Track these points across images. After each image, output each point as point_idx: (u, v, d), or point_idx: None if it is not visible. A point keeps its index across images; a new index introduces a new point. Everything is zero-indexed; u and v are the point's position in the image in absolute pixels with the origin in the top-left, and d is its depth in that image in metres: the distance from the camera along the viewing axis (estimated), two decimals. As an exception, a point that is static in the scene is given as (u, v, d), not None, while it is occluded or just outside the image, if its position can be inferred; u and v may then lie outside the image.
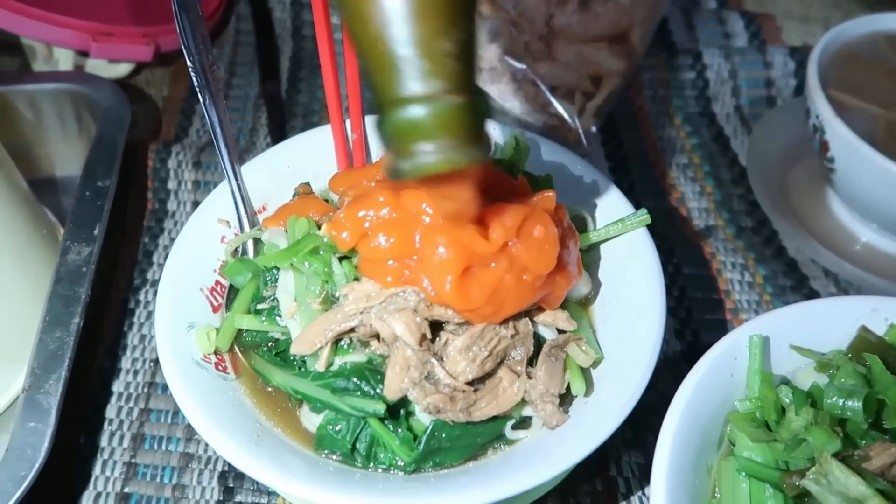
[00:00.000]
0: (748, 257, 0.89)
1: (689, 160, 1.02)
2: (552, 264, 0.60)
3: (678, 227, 0.94)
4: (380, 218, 0.60)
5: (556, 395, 0.59)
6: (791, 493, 0.52)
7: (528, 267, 0.59)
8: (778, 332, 0.62)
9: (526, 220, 0.59)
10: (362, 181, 0.66)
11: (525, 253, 0.59)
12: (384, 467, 0.58)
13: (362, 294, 0.58)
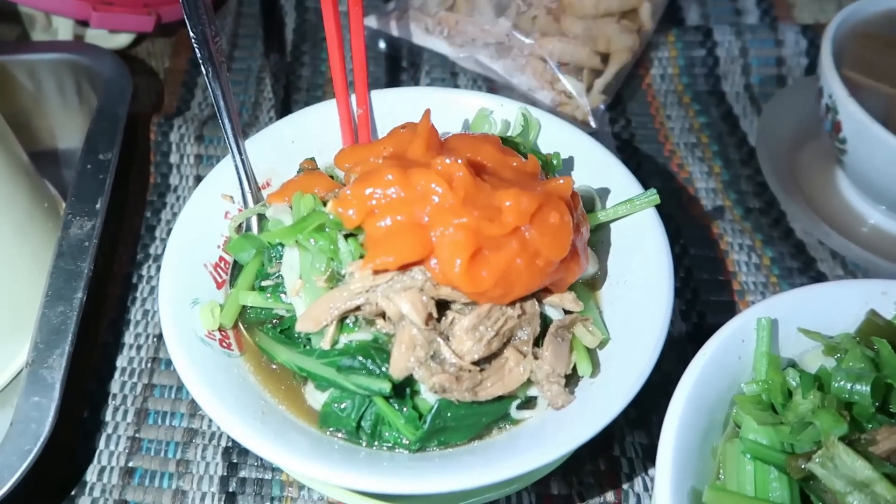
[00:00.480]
0: (755, 239, 0.89)
1: (697, 139, 1.01)
2: (566, 251, 0.60)
3: (685, 207, 0.93)
4: (387, 196, 0.59)
5: (562, 376, 0.59)
6: (796, 476, 0.52)
7: (541, 252, 0.58)
8: (786, 314, 0.62)
9: (542, 206, 0.59)
10: (369, 157, 0.65)
11: (539, 239, 0.58)
12: (389, 446, 0.58)
13: (368, 272, 0.58)
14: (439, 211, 0.58)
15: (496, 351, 0.58)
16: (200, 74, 0.96)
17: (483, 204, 0.59)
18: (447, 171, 0.59)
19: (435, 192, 0.58)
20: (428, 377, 0.56)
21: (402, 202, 0.59)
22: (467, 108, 0.78)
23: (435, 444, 0.58)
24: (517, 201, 0.58)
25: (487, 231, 0.57)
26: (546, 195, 0.60)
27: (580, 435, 0.54)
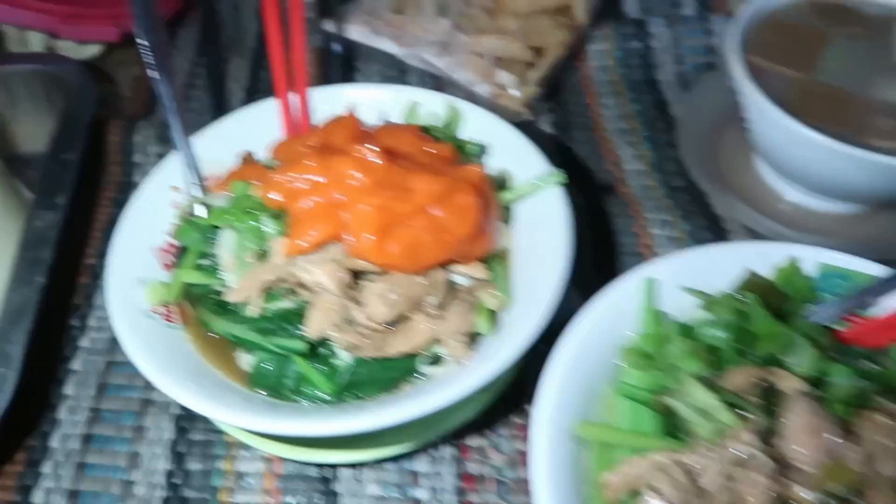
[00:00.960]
0: (675, 215, 0.95)
1: (628, 125, 1.08)
2: (472, 229, 0.67)
3: (613, 187, 1.00)
4: (308, 181, 0.66)
5: (465, 335, 0.65)
6: (661, 411, 0.58)
7: (448, 229, 0.66)
8: (673, 275, 0.68)
9: (451, 189, 0.66)
10: (299, 148, 0.72)
11: (447, 218, 0.66)
12: (310, 400, 0.65)
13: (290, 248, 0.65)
14: (354, 192, 0.65)
15: (405, 314, 0.65)
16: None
17: (396, 185, 0.66)
18: (363, 157, 0.66)
19: (351, 176, 0.66)
20: (340, 337, 0.63)
21: (322, 186, 0.66)
22: (400, 102, 0.85)
23: (350, 397, 0.65)
24: (426, 184, 0.65)
25: (397, 209, 0.65)
26: (456, 179, 0.68)
27: (477, 379, 0.61)
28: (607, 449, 0.60)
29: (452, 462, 0.74)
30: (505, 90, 1.03)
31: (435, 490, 0.73)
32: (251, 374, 0.66)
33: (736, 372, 0.59)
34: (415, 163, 0.70)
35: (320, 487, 0.73)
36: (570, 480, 0.57)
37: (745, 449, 0.53)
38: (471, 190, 0.67)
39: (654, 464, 0.55)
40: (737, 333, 0.61)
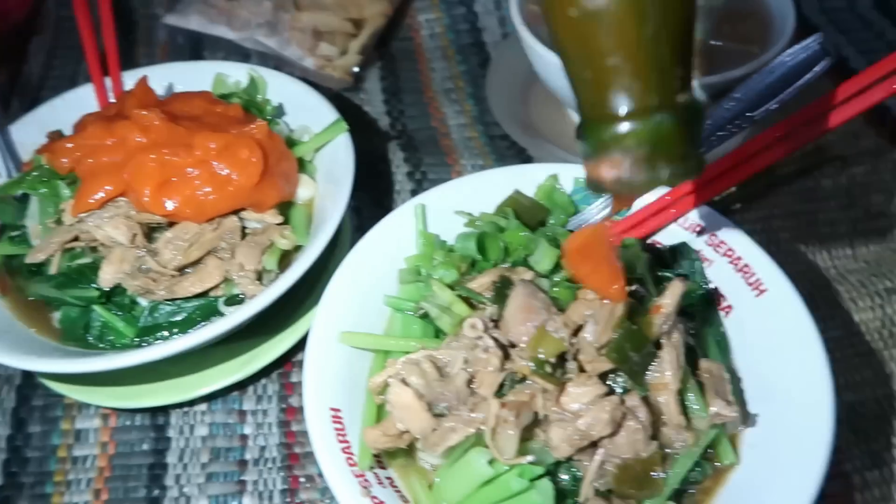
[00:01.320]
0: (491, 159, 1.03)
1: (454, 85, 1.16)
2: (255, 178, 0.74)
3: (437, 140, 1.07)
4: (92, 145, 0.72)
5: (253, 272, 0.72)
6: (419, 315, 0.66)
7: (232, 181, 0.72)
8: (446, 201, 0.76)
9: (233, 144, 0.73)
10: (91, 118, 0.78)
11: (229, 169, 0.72)
12: (115, 346, 0.71)
13: (80, 208, 0.71)
14: (134, 152, 0.71)
15: (197, 259, 0.72)
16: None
17: (178, 143, 0.72)
18: (143, 120, 0.72)
19: (131, 138, 0.72)
20: (131, 283, 0.69)
21: (107, 148, 0.72)
22: (209, 74, 0.91)
23: (154, 340, 0.71)
24: (207, 140, 0.72)
25: (175, 165, 0.71)
26: (238, 136, 0.74)
27: (255, 306, 0.67)
28: (381, 356, 0.67)
29: (277, 399, 0.81)
30: (330, 61, 1.10)
31: (260, 425, 0.79)
32: (61, 329, 0.72)
33: (483, 274, 0.67)
34: (201, 123, 0.77)
35: (152, 434, 0.79)
36: (340, 383, 0.64)
37: (476, 333, 0.60)
38: (253, 144, 0.74)
39: (409, 360, 0.62)
40: (488, 244, 0.69)
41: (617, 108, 0.41)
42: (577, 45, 0.41)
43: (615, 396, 0.57)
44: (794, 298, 0.66)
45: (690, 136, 0.42)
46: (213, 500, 0.73)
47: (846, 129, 1.04)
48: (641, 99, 0.40)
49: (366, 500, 0.56)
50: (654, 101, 0.40)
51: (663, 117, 0.41)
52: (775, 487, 0.57)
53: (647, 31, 0.39)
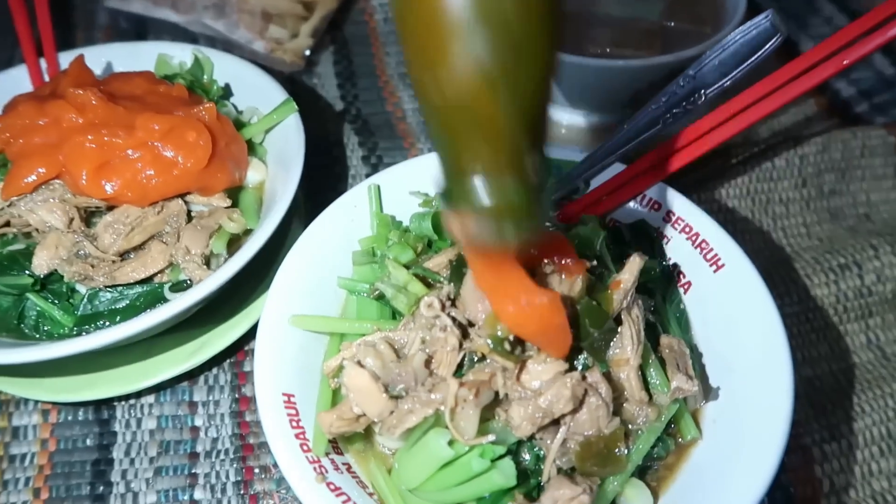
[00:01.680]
0: (447, 143, 1.01)
1: (409, 69, 1.13)
2: (203, 162, 0.70)
3: (393, 125, 1.05)
4: (25, 126, 0.68)
5: (200, 256, 0.69)
6: (375, 296, 0.64)
7: (177, 164, 0.69)
8: (401, 181, 0.74)
9: (179, 127, 0.69)
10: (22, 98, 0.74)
11: (174, 152, 0.69)
12: (53, 337, 0.67)
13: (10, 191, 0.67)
14: (69, 132, 0.67)
15: (140, 243, 0.68)
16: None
17: (118, 124, 0.69)
18: (79, 99, 0.68)
19: (66, 118, 0.68)
20: (68, 269, 0.65)
21: (39, 129, 0.68)
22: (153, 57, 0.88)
23: (94, 328, 0.67)
24: (147, 121, 0.68)
25: (115, 146, 0.67)
26: (185, 118, 0.71)
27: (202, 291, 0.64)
28: (336, 339, 0.65)
29: (229, 388, 0.78)
30: (280, 44, 1.07)
31: (212, 416, 0.76)
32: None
33: (440, 254, 0.65)
34: (144, 104, 0.73)
35: (97, 429, 0.75)
36: (293, 368, 0.62)
37: (434, 312, 0.58)
38: (200, 127, 0.71)
39: (364, 342, 0.60)
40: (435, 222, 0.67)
41: (469, 169, 0.43)
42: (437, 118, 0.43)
43: (576, 373, 0.56)
44: (751, 272, 0.66)
45: (535, 197, 0.45)
46: (163, 494, 0.70)
47: (798, 111, 1.06)
48: (490, 164, 0.43)
49: (321, 486, 0.54)
50: (502, 166, 0.43)
51: (510, 181, 0.43)
52: (737, 461, 0.57)
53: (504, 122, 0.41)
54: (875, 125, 0.98)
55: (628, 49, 0.89)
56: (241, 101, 0.85)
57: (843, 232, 0.91)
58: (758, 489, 0.53)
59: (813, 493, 0.70)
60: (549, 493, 0.54)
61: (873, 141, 0.97)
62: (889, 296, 0.83)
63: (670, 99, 0.71)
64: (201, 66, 0.85)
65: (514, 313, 0.52)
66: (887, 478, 0.71)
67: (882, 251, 0.85)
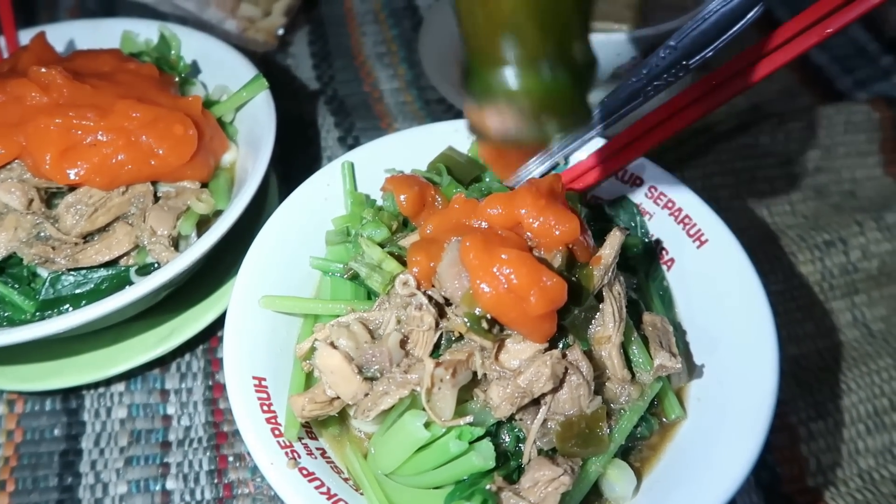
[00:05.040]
0: (425, 123, 0.99)
1: (387, 49, 1.11)
2: (186, 157, 0.68)
3: (370, 105, 1.03)
4: (-19, 103, 0.65)
5: (166, 237, 0.66)
6: (349, 276, 0.62)
7: (156, 154, 0.66)
8: (376, 159, 0.71)
9: (165, 118, 0.67)
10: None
11: (156, 143, 0.66)
12: (14, 322, 0.65)
13: (-33, 172, 0.64)
14: (32, 112, 0.64)
15: (104, 225, 0.66)
16: None
17: (85, 105, 0.66)
18: (43, 77, 0.66)
19: (29, 96, 0.65)
20: (27, 251, 0.62)
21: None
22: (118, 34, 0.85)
23: (57, 313, 0.65)
24: (127, 108, 0.66)
25: (84, 129, 0.64)
26: (172, 109, 0.68)
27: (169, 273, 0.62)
28: (310, 321, 0.63)
29: (202, 375, 0.76)
30: (253, 23, 1.04)
31: (184, 404, 0.74)
32: (-50, 306, 0.65)
33: (415, 231, 0.63)
34: (113, 82, 0.70)
35: (65, 419, 0.72)
36: (264, 350, 0.60)
37: (409, 290, 0.56)
38: (188, 122, 0.69)
39: (338, 323, 0.58)
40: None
41: (507, 54, 0.37)
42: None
43: (556, 351, 0.54)
44: (735, 248, 0.64)
45: (581, 90, 0.40)
46: (134, 485, 0.68)
47: (782, 88, 1.05)
48: (534, 47, 0.37)
49: (293, 472, 0.52)
50: (547, 51, 0.37)
51: (555, 70, 0.38)
52: (722, 441, 0.55)
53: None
54: (858, 101, 0.97)
55: (608, 22, 0.87)
56: (209, 80, 0.83)
57: (828, 209, 0.90)
58: (742, 469, 0.52)
59: (799, 471, 0.69)
60: (530, 474, 0.52)
61: (857, 117, 0.95)
62: (875, 272, 0.82)
63: (651, 71, 0.70)
64: (168, 43, 0.82)
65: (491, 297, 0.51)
66: (874, 455, 0.70)
67: (867, 227, 0.84)
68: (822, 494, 0.68)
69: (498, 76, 0.38)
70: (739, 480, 0.51)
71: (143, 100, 0.68)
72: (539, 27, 0.37)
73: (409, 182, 0.64)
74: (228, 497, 0.67)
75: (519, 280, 0.51)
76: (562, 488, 0.51)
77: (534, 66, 0.38)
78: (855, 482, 0.69)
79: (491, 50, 0.38)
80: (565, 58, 0.38)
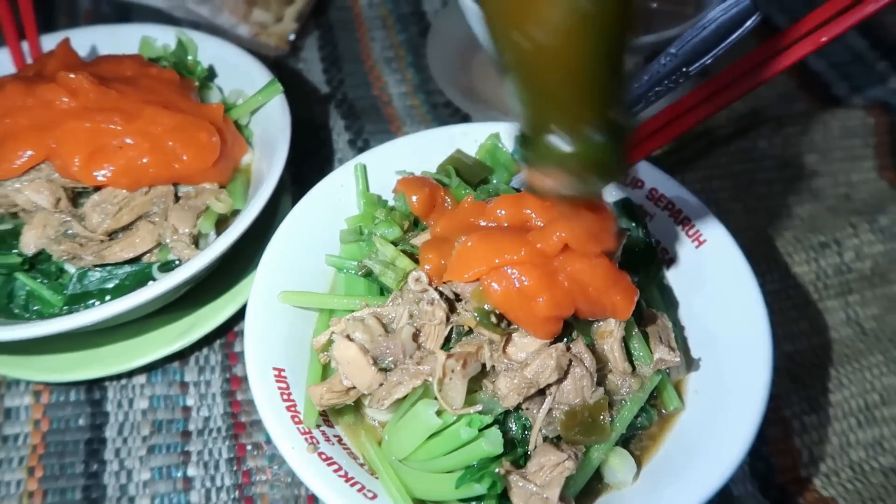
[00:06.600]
0: (432, 126, 1.02)
1: (395, 53, 1.14)
2: (209, 163, 0.72)
3: (379, 108, 1.06)
4: (12, 107, 0.68)
5: (188, 235, 0.70)
6: (363, 273, 0.65)
7: (180, 159, 0.70)
8: (387, 161, 0.74)
9: (191, 125, 0.71)
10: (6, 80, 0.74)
11: (182, 149, 0.70)
12: (43, 316, 0.68)
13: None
14: (61, 116, 0.68)
15: (128, 223, 0.69)
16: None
17: (112, 109, 0.69)
18: (71, 83, 0.69)
19: (58, 100, 0.68)
20: (56, 248, 0.65)
21: (28, 111, 0.68)
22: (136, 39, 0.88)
23: (83, 307, 0.68)
24: (154, 116, 0.69)
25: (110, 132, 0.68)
26: (197, 117, 0.72)
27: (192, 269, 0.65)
28: (325, 315, 0.66)
29: (220, 369, 0.79)
30: (265, 28, 1.07)
31: (203, 396, 0.77)
32: (-19, 300, 0.68)
33: (426, 231, 0.66)
34: (136, 87, 0.73)
35: (89, 409, 0.75)
36: (283, 343, 0.63)
37: (421, 286, 0.59)
38: (212, 130, 0.72)
39: (353, 318, 0.61)
40: (428, 200, 0.68)
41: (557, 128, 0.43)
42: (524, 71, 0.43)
43: (561, 344, 0.57)
44: (732, 247, 0.67)
45: (620, 150, 0.45)
46: (157, 471, 0.71)
47: (779, 93, 1.08)
48: (584, 121, 0.43)
49: (313, 456, 0.55)
50: (589, 124, 0.43)
51: (596, 138, 0.43)
52: (718, 430, 0.58)
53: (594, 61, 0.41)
54: (854, 106, 1.00)
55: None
56: (225, 84, 0.86)
57: (824, 211, 0.92)
58: (736, 456, 0.55)
59: (792, 462, 0.72)
60: (536, 459, 0.55)
61: (852, 122, 0.98)
62: (868, 273, 0.85)
63: (653, 77, 0.72)
64: (185, 48, 0.85)
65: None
66: (864, 448, 0.73)
67: (861, 229, 0.87)
68: (814, 484, 0.71)
69: (549, 144, 0.44)
70: (733, 466, 0.54)
71: (168, 106, 0.72)
72: (580, 101, 0.43)
73: (419, 183, 0.68)
74: (247, 483, 0.70)
75: (530, 282, 0.54)
76: (566, 472, 0.54)
77: (579, 134, 0.43)
78: (846, 473, 0.71)
79: (542, 122, 0.44)
80: (605, 124, 0.44)
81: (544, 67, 0.42)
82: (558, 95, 0.43)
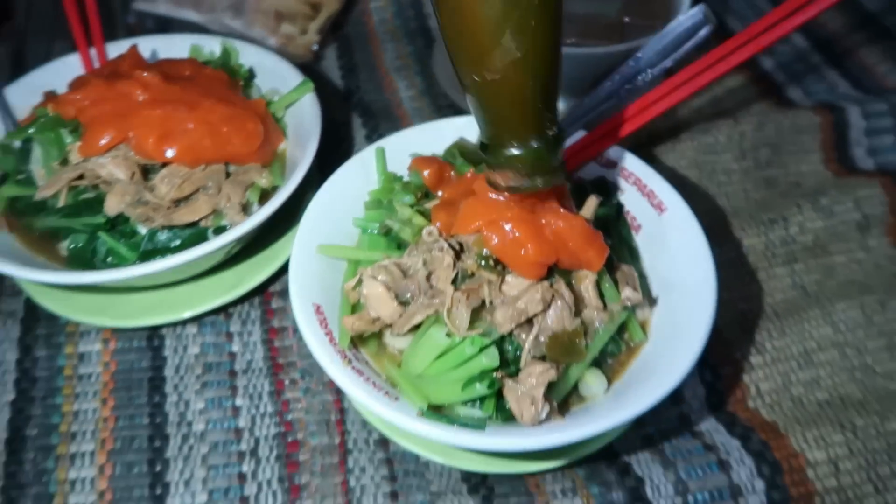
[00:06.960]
0: (438, 123, 1.17)
1: (403, 63, 1.29)
2: (254, 147, 0.87)
3: (391, 109, 1.21)
4: (95, 98, 0.83)
5: (238, 204, 0.84)
6: (383, 233, 0.79)
7: (231, 142, 0.84)
8: (402, 145, 0.89)
9: (241, 116, 0.85)
10: (89, 77, 0.89)
11: (233, 134, 0.85)
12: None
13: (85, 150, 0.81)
14: (137, 106, 0.82)
15: (189, 193, 0.83)
16: None
17: (178, 101, 0.84)
18: (145, 79, 0.84)
19: (134, 93, 0.83)
20: (134, 211, 0.80)
21: (109, 102, 0.83)
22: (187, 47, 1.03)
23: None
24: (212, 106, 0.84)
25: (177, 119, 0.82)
26: (245, 109, 0.87)
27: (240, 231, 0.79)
28: (353, 266, 0.80)
29: (260, 322, 0.92)
30: (291, 39, 1.23)
31: (246, 344, 0.90)
32: (69, 257, 0.82)
33: (435, 199, 0.80)
34: (195, 83, 0.88)
35: (150, 354, 0.89)
36: (320, 286, 0.77)
37: (433, 238, 0.74)
38: (257, 120, 0.87)
39: (378, 265, 0.75)
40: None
41: (509, 139, 0.60)
42: (480, 98, 0.59)
43: (546, 282, 0.71)
44: (687, 214, 0.81)
45: (555, 156, 0.61)
46: (210, 401, 0.84)
47: (737, 94, 1.23)
48: (524, 134, 0.59)
49: (347, 368, 0.69)
50: (532, 135, 0.59)
51: (538, 145, 0.60)
52: (672, 354, 0.72)
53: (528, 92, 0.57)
54: (803, 107, 1.15)
55: (592, 40, 1.06)
56: (263, 84, 1.00)
57: (777, 196, 1.07)
58: (685, 367, 0.68)
59: (742, 395, 0.86)
60: (525, 370, 0.69)
61: (802, 120, 1.13)
62: (810, 244, 1.00)
63: (622, 77, 0.88)
64: (229, 53, 1.00)
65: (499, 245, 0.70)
66: (803, 385, 0.87)
67: (805, 208, 1.02)
68: (760, 413, 0.85)
69: (504, 151, 0.60)
70: (681, 377, 0.68)
71: (221, 100, 0.86)
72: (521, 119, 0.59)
73: (430, 161, 0.82)
74: (286, 410, 0.83)
75: (521, 234, 0.68)
76: (549, 377, 0.68)
77: (524, 144, 0.59)
78: (787, 404, 0.85)
79: (500, 137, 0.61)
80: (542, 137, 0.60)
81: (493, 95, 0.57)
82: (504, 114, 0.59)
